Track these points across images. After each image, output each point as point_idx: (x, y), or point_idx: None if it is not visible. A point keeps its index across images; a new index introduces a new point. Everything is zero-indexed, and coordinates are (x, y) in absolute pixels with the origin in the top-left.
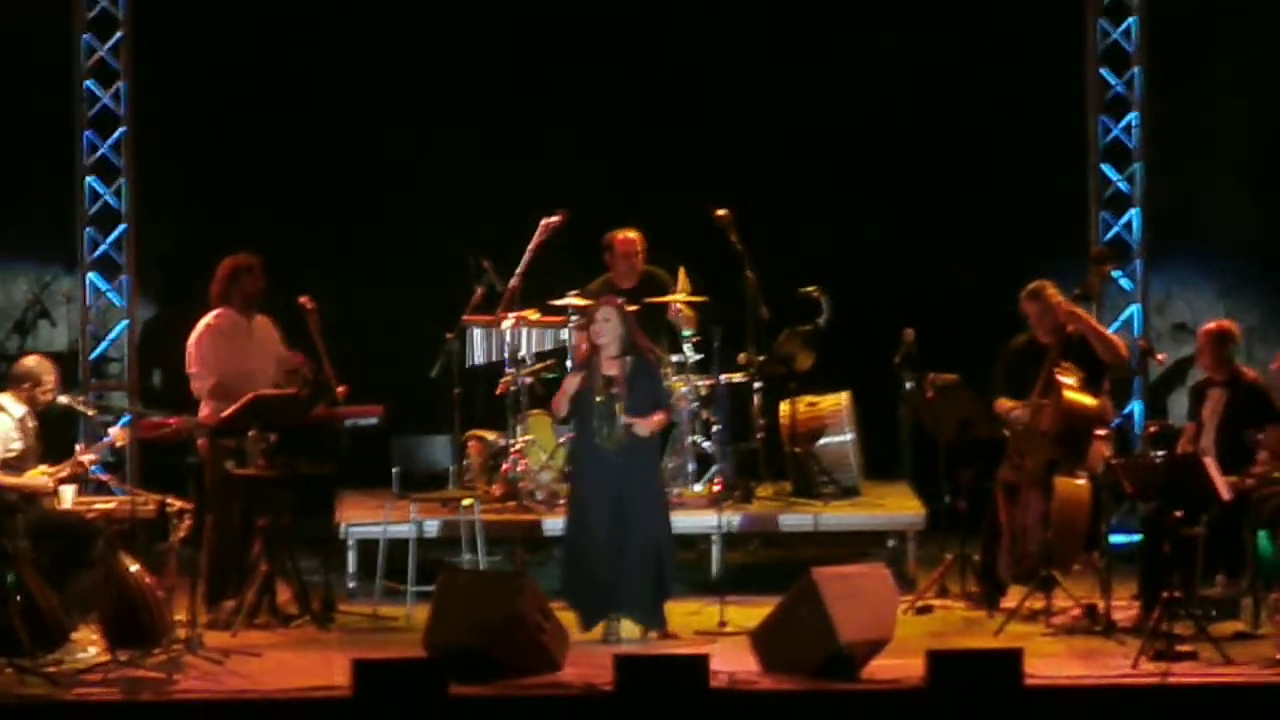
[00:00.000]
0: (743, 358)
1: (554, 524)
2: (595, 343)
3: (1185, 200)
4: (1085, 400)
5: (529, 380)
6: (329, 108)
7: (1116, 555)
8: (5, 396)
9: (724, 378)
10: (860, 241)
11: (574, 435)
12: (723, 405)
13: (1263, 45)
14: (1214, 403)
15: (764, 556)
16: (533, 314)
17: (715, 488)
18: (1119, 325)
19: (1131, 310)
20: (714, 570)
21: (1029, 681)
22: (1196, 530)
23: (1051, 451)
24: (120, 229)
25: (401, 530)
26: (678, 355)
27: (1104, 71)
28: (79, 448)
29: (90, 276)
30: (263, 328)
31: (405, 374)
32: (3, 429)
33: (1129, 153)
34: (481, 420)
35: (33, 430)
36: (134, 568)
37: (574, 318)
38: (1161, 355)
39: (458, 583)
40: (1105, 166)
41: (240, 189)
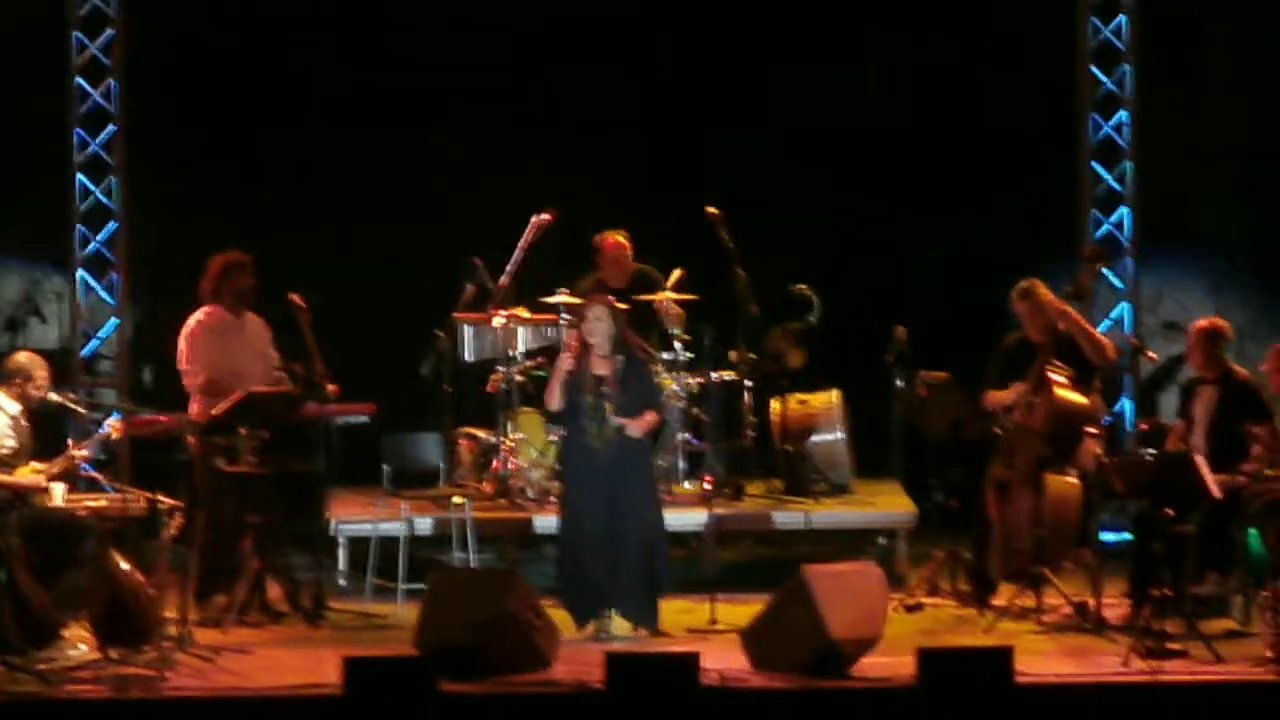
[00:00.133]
0: (734, 355)
1: (545, 522)
2: (586, 341)
3: (1176, 198)
4: (1076, 398)
5: (520, 378)
6: (320, 106)
7: (1107, 553)
8: None
9: (715, 375)
10: (851, 239)
11: (565, 434)
12: (714, 403)
13: (1253, 43)
14: (1205, 400)
15: (755, 554)
16: (523, 312)
17: (706, 485)
18: (1110, 323)
19: (1122, 308)
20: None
21: (1019, 679)
22: (1187, 528)
23: (1042, 449)
24: (111, 227)
25: (392, 528)
26: (669, 353)
27: (1095, 69)
28: (70, 444)
29: (81, 274)
30: (254, 325)
31: (396, 372)
32: None
33: (1120, 150)
34: (472, 418)
35: (25, 428)
36: (125, 565)
37: (565, 316)
38: (1152, 353)
39: (449, 580)
40: (1096, 164)
41: (231, 187)
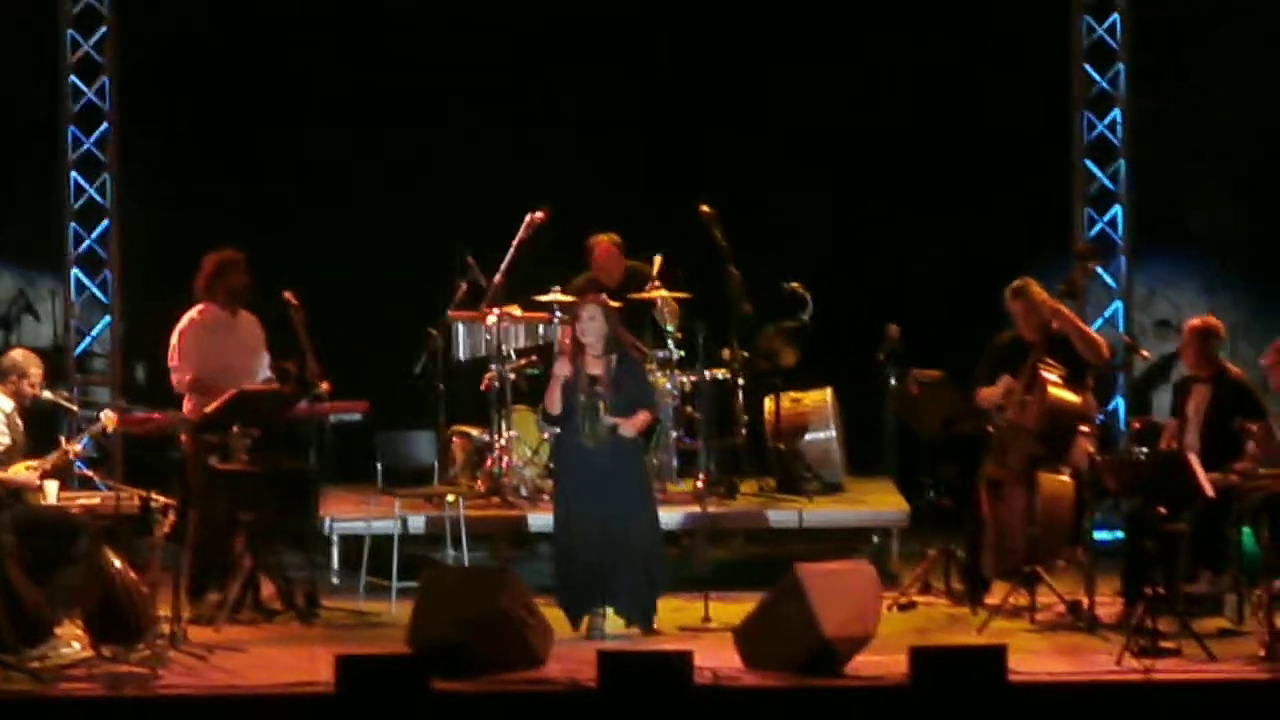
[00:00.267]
0: (726, 354)
1: (538, 520)
2: (580, 340)
3: (1169, 197)
4: (1069, 396)
5: (513, 376)
6: (313, 104)
7: (1100, 551)
8: None
9: (708, 373)
10: (844, 238)
11: (558, 433)
12: (706, 401)
13: (1247, 42)
14: (1198, 399)
15: (747, 552)
16: (516, 309)
17: (698, 484)
18: (1103, 321)
19: (1115, 306)
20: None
21: (1012, 678)
22: (1180, 527)
23: (1035, 448)
24: (104, 224)
25: (385, 526)
26: (662, 351)
27: (1088, 68)
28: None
29: (74, 272)
30: (247, 324)
31: (389, 369)
32: None
33: (1113, 149)
34: (465, 416)
35: (19, 426)
36: (117, 563)
37: (558, 314)
38: (1145, 352)
39: (441, 578)
40: (1089, 163)
41: (224, 185)
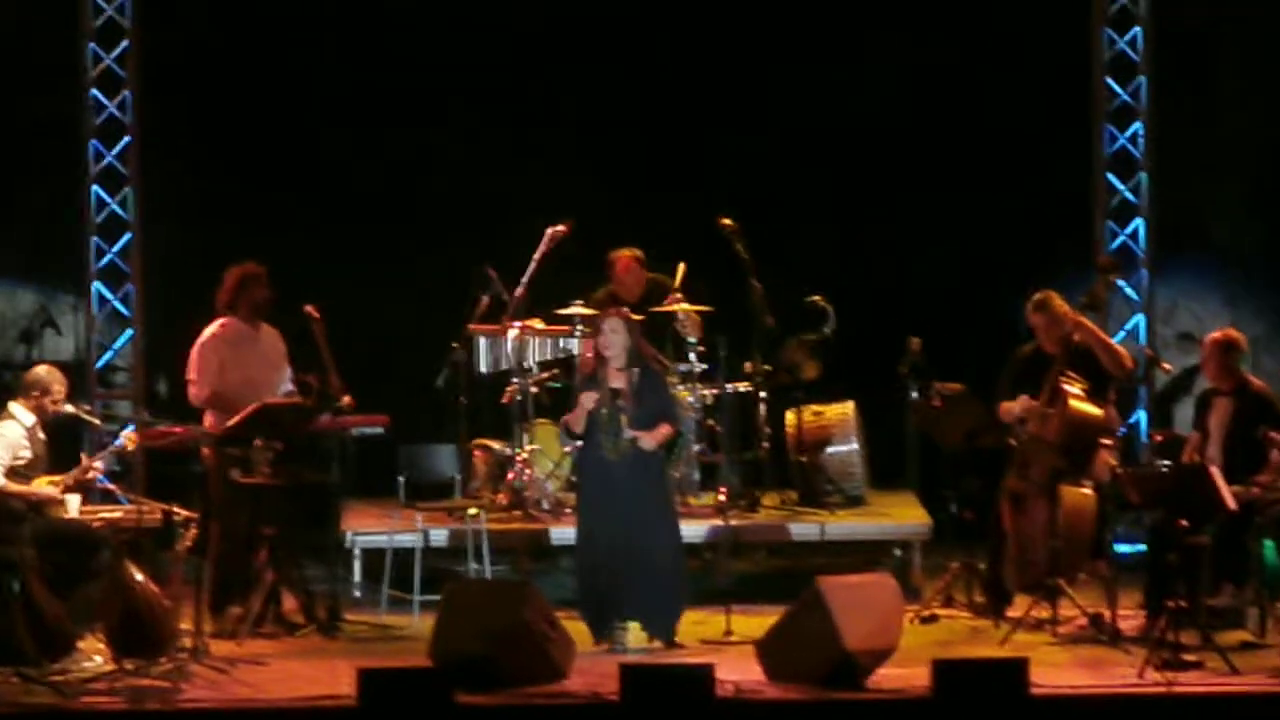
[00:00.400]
0: (748, 367)
1: (560, 533)
2: (602, 354)
3: (1191, 210)
4: (1091, 410)
5: (534, 389)
6: (334, 117)
7: (1122, 564)
8: (15, 405)
9: (729, 387)
10: (866, 251)
11: (580, 446)
12: (728, 414)
13: (1268, 55)
14: (1220, 412)
15: (769, 565)
16: (538, 323)
17: (720, 497)
18: (1124, 334)
19: (1137, 319)
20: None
21: (1034, 691)
22: (1202, 540)
23: (1057, 461)
24: (126, 238)
25: (407, 539)
26: (683, 364)
27: (1109, 81)
28: (84, 456)
29: (96, 285)
30: (269, 337)
31: (411, 383)
32: (13, 437)
33: (1134, 162)
34: (487, 429)
35: (41, 440)
36: (139, 576)
37: (580, 328)
38: (1167, 365)
39: (463, 592)
40: (1111, 176)
41: (246, 198)
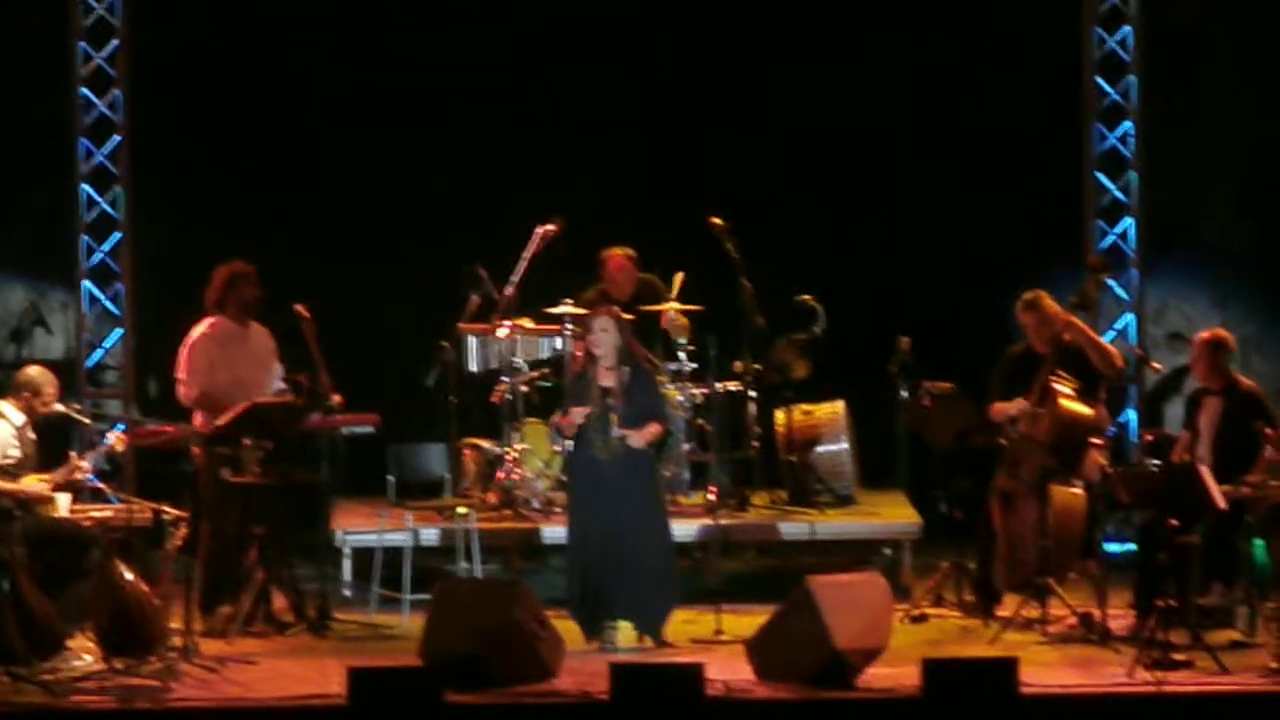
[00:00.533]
0: (738, 366)
1: (550, 532)
2: (592, 353)
3: (1181, 209)
4: (1081, 409)
5: (524, 388)
6: (324, 117)
7: (1112, 564)
8: (5, 404)
9: (719, 386)
10: (856, 250)
11: (570, 445)
12: (718, 414)
13: (1259, 54)
14: (1210, 411)
15: (759, 565)
16: (528, 322)
17: (710, 496)
18: (1114, 334)
19: (1127, 319)
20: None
21: (1024, 690)
22: (1192, 539)
23: (1047, 460)
24: (116, 237)
25: (397, 538)
26: (673, 364)
27: (1099, 80)
28: (73, 454)
29: (86, 284)
30: (258, 336)
31: (401, 382)
32: (2, 436)
33: (1125, 162)
34: (477, 429)
35: (30, 440)
36: (129, 576)
37: (570, 327)
38: (1157, 364)
39: (453, 591)
40: (1100, 175)
41: (236, 197)
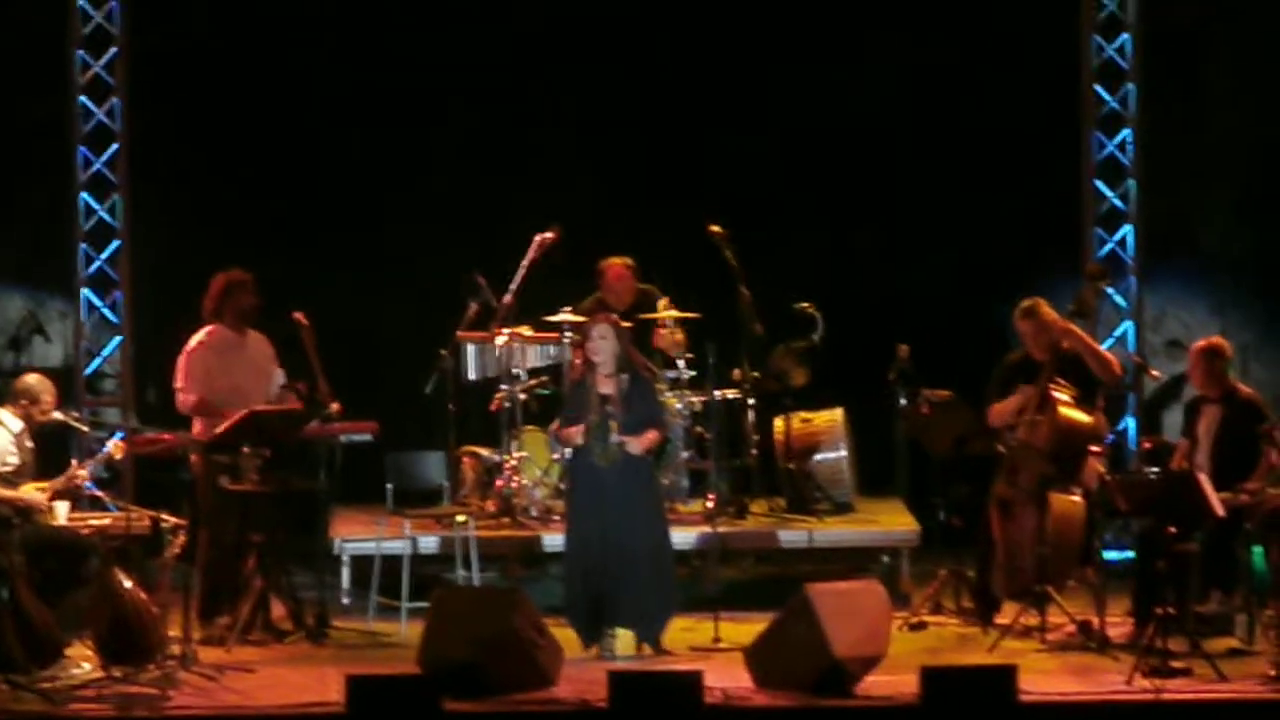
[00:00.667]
0: (737, 374)
1: (549, 540)
2: (591, 360)
3: (1180, 216)
4: (1079, 416)
5: (523, 396)
6: (323, 123)
7: (1110, 571)
8: (3, 412)
9: (718, 394)
10: (855, 258)
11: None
12: (716, 421)
13: (1257, 62)
14: (1209, 419)
15: (758, 572)
16: (527, 330)
17: (709, 504)
18: (1113, 341)
19: (1125, 326)
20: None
21: (1023, 698)
22: (1190, 546)
23: (1046, 467)
24: (114, 245)
25: (396, 546)
26: (672, 372)
27: (1098, 87)
28: (72, 463)
29: (85, 292)
30: (256, 344)
31: (399, 390)
32: (0, 443)
33: (1123, 169)
34: (476, 436)
35: (28, 447)
36: (128, 584)
37: (569, 334)
38: (1156, 372)
39: (452, 599)
40: (1099, 183)
41: (234, 205)
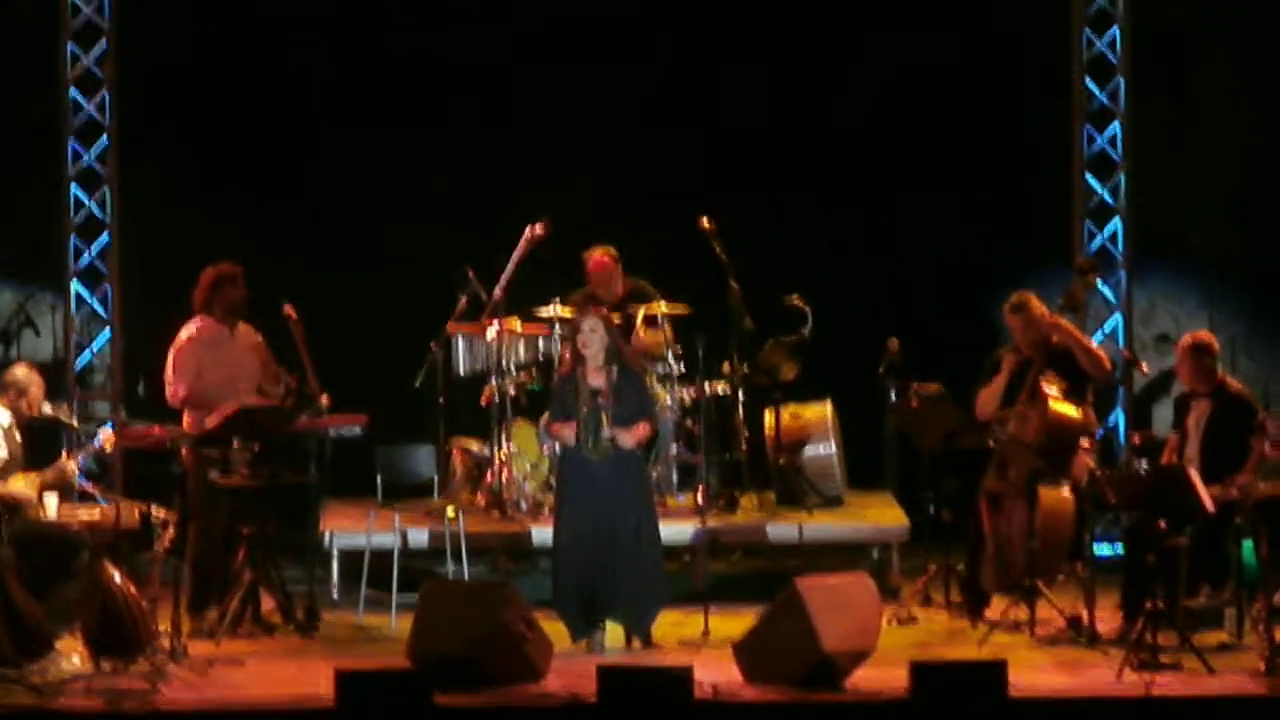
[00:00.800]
0: (727, 368)
1: (539, 533)
2: (581, 353)
3: (1170, 211)
4: (1069, 411)
5: (512, 390)
6: (313, 117)
7: (1100, 566)
8: None
9: (708, 387)
10: (844, 251)
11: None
12: (706, 415)
13: (1247, 57)
14: (1198, 414)
15: (747, 566)
16: (516, 323)
17: (698, 497)
18: (1103, 336)
19: (1115, 321)
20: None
21: (1012, 692)
22: (1180, 541)
23: (1035, 462)
24: (104, 238)
25: (385, 540)
26: (662, 365)
27: (1088, 81)
28: (62, 455)
29: (74, 286)
30: (245, 336)
31: (389, 383)
32: None
33: (1113, 163)
34: (465, 430)
35: (16, 440)
36: (118, 577)
37: (558, 327)
38: (1145, 366)
39: (442, 592)
40: (1089, 177)
41: (224, 198)
